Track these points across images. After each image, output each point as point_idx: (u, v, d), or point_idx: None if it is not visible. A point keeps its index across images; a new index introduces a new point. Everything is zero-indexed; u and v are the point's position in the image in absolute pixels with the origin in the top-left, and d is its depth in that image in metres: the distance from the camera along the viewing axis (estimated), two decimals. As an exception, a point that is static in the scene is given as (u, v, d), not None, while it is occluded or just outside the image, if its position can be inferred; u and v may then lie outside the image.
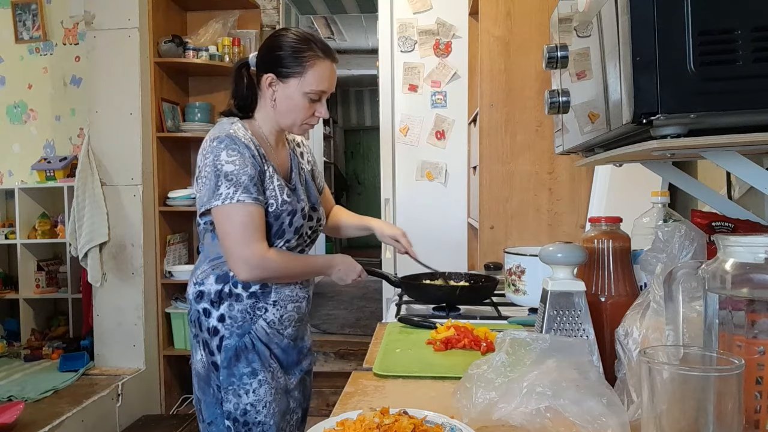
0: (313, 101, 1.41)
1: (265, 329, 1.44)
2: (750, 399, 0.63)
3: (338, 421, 0.79)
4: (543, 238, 2.31)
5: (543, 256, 1.00)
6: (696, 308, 0.73)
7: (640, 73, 0.70)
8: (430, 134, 3.44)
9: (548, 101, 1.07)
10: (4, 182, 3.85)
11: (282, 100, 1.41)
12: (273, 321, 1.44)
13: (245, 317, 1.41)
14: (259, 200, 1.36)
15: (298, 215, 1.44)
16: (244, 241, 1.34)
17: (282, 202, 1.40)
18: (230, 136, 1.36)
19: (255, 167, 1.36)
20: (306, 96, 1.39)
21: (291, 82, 1.39)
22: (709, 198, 1.23)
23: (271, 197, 1.39)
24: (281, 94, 1.41)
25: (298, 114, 1.42)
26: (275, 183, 1.41)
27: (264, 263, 1.36)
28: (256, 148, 1.39)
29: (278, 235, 1.43)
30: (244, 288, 1.42)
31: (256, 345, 1.42)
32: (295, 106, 1.41)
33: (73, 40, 3.75)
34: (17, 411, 2.48)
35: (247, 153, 1.35)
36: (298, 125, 1.44)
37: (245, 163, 1.35)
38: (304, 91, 1.39)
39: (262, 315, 1.43)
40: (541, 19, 2.33)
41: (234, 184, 1.33)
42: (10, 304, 3.69)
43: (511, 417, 0.76)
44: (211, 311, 1.42)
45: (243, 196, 1.32)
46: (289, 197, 1.42)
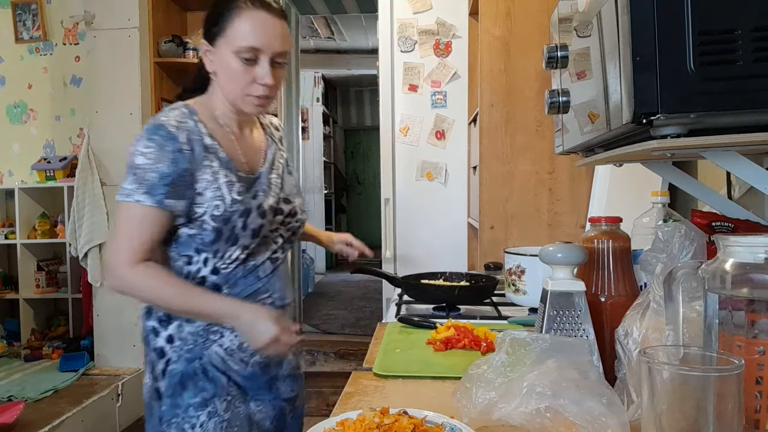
0: (248, 64, 1.15)
1: (221, 356, 1.21)
2: (750, 399, 0.63)
3: (338, 421, 0.79)
4: (543, 238, 2.31)
5: (543, 256, 1.00)
6: (696, 308, 0.73)
7: (640, 73, 0.70)
8: (430, 134, 3.44)
9: (548, 101, 1.07)
10: (4, 182, 3.85)
11: (220, 71, 1.19)
12: (230, 348, 1.21)
13: (197, 341, 1.20)
14: (166, 205, 1.13)
15: (253, 215, 1.19)
16: (118, 247, 1.14)
17: (231, 202, 1.17)
18: (157, 123, 1.16)
19: (178, 164, 1.13)
20: (237, 57, 1.15)
21: (219, 44, 1.18)
22: (709, 198, 1.23)
23: (216, 198, 1.16)
24: (216, 62, 1.19)
25: (235, 82, 1.17)
26: (222, 180, 1.18)
27: (123, 278, 1.14)
28: (196, 138, 1.17)
29: (230, 240, 1.18)
30: None
31: (208, 371, 1.20)
32: (231, 73, 1.17)
33: (73, 40, 3.75)
34: (17, 411, 2.48)
35: (170, 146, 1.13)
36: (240, 98, 1.19)
37: (161, 158, 1.13)
38: (231, 50, 1.15)
39: (217, 340, 1.21)
40: (541, 19, 2.32)
41: (138, 180, 1.13)
42: (10, 304, 3.70)
43: (511, 417, 0.76)
44: (160, 330, 1.22)
45: (143, 197, 1.12)
46: (240, 195, 1.18)
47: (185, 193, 1.15)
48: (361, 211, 9.23)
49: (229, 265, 1.21)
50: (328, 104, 8.09)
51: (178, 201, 1.14)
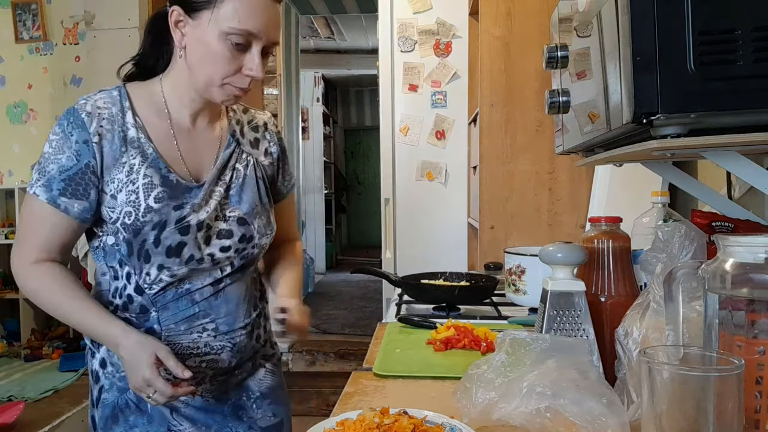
0: (238, 49, 0.96)
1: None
2: (750, 399, 0.63)
3: (338, 421, 0.79)
4: (543, 238, 2.30)
5: (543, 256, 1.00)
6: (696, 308, 0.73)
7: (640, 73, 0.70)
8: (430, 134, 3.44)
9: (548, 101, 1.07)
10: (4, 182, 3.86)
11: (193, 47, 0.98)
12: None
13: None
14: (59, 203, 0.98)
15: (169, 229, 0.99)
16: (17, 241, 1.03)
17: (145, 210, 0.98)
18: (72, 106, 1.00)
19: (80, 157, 0.97)
20: (226, 39, 0.95)
21: (203, 19, 0.96)
22: (709, 198, 1.23)
23: (128, 203, 0.98)
24: (191, 37, 0.98)
25: (216, 67, 0.97)
26: (140, 181, 0.99)
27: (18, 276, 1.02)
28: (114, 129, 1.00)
29: (143, 257, 0.99)
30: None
31: (142, 403, 1.04)
32: (211, 55, 0.96)
33: (73, 40, 3.75)
34: (17, 411, 2.48)
35: (75, 135, 0.97)
36: (217, 85, 0.98)
37: (63, 148, 0.98)
38: (221, 29, 0.94)
39: None
40: (541, 19, 2.32)
41: (39, 170, 0.99)
42: (10, 304, 3.70)
43: (511, 417, 0.76)
44: (94, 351, 1.08)
45: (40, 189, 0.98)
46: (158, 201, 0.99)
47: (85, 193, 0.99)
48: (361, 211, 9.23)
49: (152, 286, 1.02)
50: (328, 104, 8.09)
51: (74, 201, 0.98)
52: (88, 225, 1.03)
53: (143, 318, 1.04)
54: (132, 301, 1.03)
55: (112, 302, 1.05)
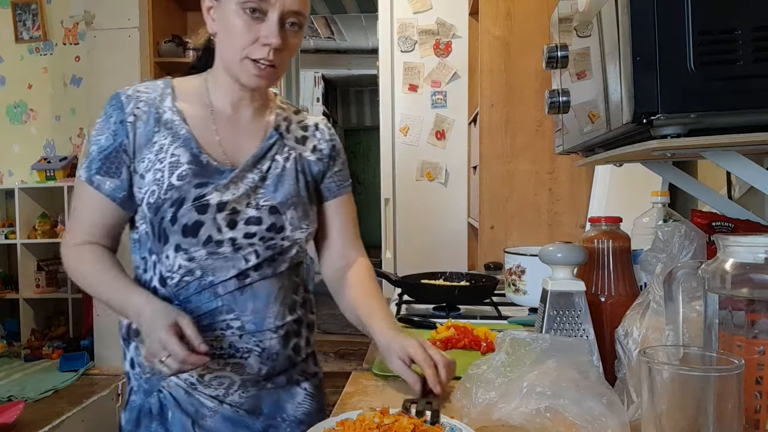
0: (254, 19, 0.95)
1: (184, 388, 1.01)
2: (750, 399, 0.63)
3: (338, 421, 0.79)
4: (543, 238, 2.31)
5: (543, 256, 1.00)
6: (696, 308, 0.73)
7: (640, 73, 0.70)
8: (430, 134, 3.44)
9: (548, 101, 1.07)
10: (4, 182, 3.85)
11: (221, 30, 1.00)
12: (190, 382, 1.00)
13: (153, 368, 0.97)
14: (94, 181, 1.00)
15: (186, 206, 0.97)
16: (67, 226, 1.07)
17: (167, 188, 0.97)
18: (117, 92, 1.05)
19: (117, 137, 1.00)
20: (241, 10, 0.95)
21: None
22: (709, 198, 1.23)
23: (154, 182, 0.98)
24: (219, 19, 1.00)
25: (235, 40, 0.96)
26: (167, 160, 0.99)
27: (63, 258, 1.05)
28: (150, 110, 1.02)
29: (161, 238, 0.99)
30: None
31: (166, 410, 1.01)
32: (232, 30, 0.96)
33: (73, 40, 3.75)
34: (17, 411, 2.48)
35: (114, 115, 1.00)
36: (238, 59, 0.97)
37: (103, 129, 1.01)
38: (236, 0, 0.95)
39: None
40: (541, 19, 2.33)
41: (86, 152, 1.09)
42: (10, 304, 3.69)
43: (511, 417, 0.76)
44: (125, 352, 1.07)
45: (82, 171, 1.02)
46: (181, 179, 0.98)
47: (117, 171, 1.00)
48: (361, 211, 9.19)
49: (173, 275, 0.99)
50: (328, 104, 8.10)
51: (106, 178, 1.00)
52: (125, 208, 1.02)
53: None
54: (156, 294, 1.01)
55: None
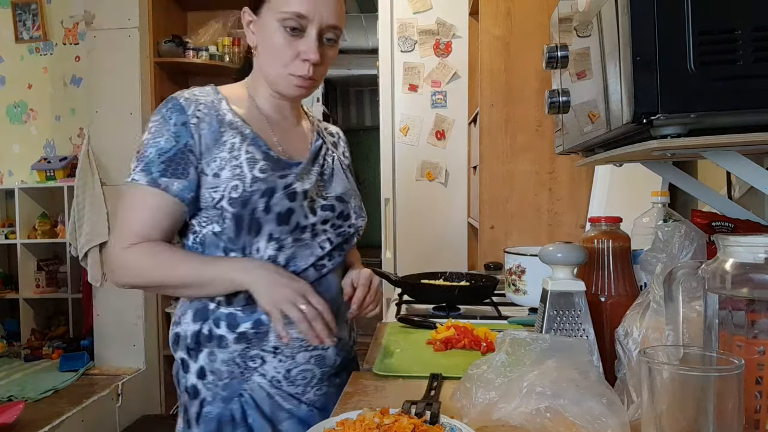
0: (294, 36, 1.00)
1: (266, 389, 1.01)
2: (750, 399, 0.63)
3: (338, 421, 0.79)
4: (543, 238, 2.31)
5: (543, 256, 0.99)
6: (696, 308, 0.73)
7: (640, 73, 0.70)
8: (430, 134, 3.44)
9: (548, 101, 1.07)
10: (4, 182, 3.86)
11: (261, 44, 1.04)
12: (276, 378, 1.01)
13: (233, 372, 1.00)
14: (160, 183, 0.97)
15: (278, 195, 0.99)
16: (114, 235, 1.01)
17: (252, 180, 0.99)
18: (171, 96, 1.03)
19: (179, 138, 0.98)
20: (281, 26, 0.99)
21: (263, 13, 1.02)
22: (709, 198, 1.23)
23: (234, 177, 0.99)
24: (259, 34, 1.04)
25: (277, 56, 1.01)
26: (243, 157, 1.00)
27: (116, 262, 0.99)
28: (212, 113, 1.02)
29: (253, 229, 0.99)
30: (230, 327, 1.00)
31: (249, 415, 1.00)
32: (272, 46, 1.01)
33: (73, 40, 3.75)
34: (17, 411, 2.48)
35: (174, 118, 0.99)
36: (282, 77, 1.03)
37: (161, 132, 0.98)
38: (276, 18, 0.99)
39: (258, 368, 1.01)
40: (541, 19, 2.32)
41: (138, 157, 0.99)
42: (10, 304, 3.70)
43: (511, 417, 0.76)
44: (189, 363, 1.02)
45: (139, 175, 0.98)
46: (264, 172, 1.00)
47: (185, 172, 0.98)
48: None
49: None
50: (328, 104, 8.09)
51: (173, 180, 0.98)
52: (188, 209, 1.01)
53: (249, 310, 1.01)
54: (237, 292, 1.00)
55: (213, 298, 1.02)
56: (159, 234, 1.00)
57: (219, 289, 0.99)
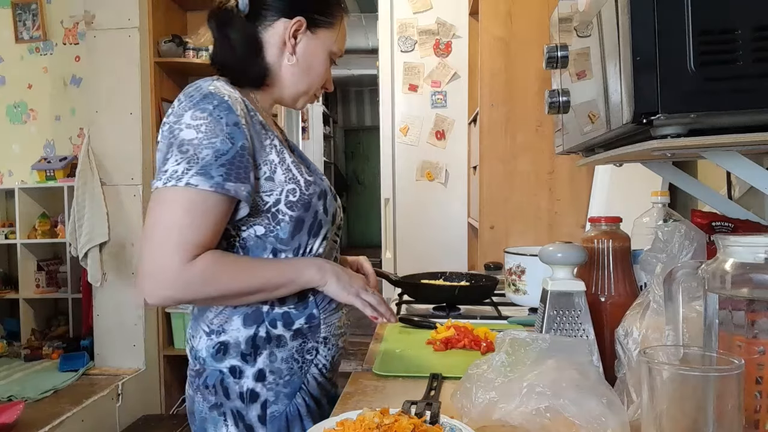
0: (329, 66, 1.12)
1: (317, 379, 1.06)
2: (750, 399, 0.63)
3: (338, 421, 0.79)
4: (543, 238, 2.31)
5: (543, 256, 1.00)
6: (696, 308, 0.73)
7: (640, 73, 0.70)
8: (430, 134, 3.44)
9: (548, 101, 1.07)
10: (4, 182, 3.85)
11: (304, 56, 1.06)
12: (325, 366, 1.07)
13: (292, 368, 1.02)
14: (227, 189, 0.90)
15: (329, 197, 1.06)
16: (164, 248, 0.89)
17: (306, 183, 1.00)
18: (206, 91, 0.95)
19: (235, 140, 0.92)
20: (329, 57, 1.10)
21: (321, 35, 1.07)
22: (709, 198, 1.23)
23: (290, 181, 0.98)
24: (306, 48, 1.06)
25: (316, 78, 1.09)
26: (288, 159, 1.00)
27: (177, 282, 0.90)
28: (247, 111, 0.97)
29: (314, 230, 1.02)
30: (286, 326, 1.02)
31: (310, 407, 1.04)
32: (316, 68, 1.08)
33: (73, 40, 3.75)
34: (17, 411, 2.48)
35: (225, 117, 0.92)
36: (311, 93, 1.11)
37: (215, 131, 0.91)
38: (330, 48, 1.09)
39: (314, 360, 1.05)
40: (541, 19, 2.32)
41: (188, 158, 0.89)
42: (10, 304, 3.69)
43: (511, 417, 0.76)
44: (244, 369, 1.00)
45: (197, 179, 0.88)
46: (310, 175, 1.03)
47: (246, 176, 0.93)
48: (361, 211, 9.23)
49: None
50: (328, 104, 8.10)
51: (240, 185, 0.91)
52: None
53: (302, 306, 1.04)
54: (285, 301, 1.02)
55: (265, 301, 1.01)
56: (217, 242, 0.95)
57: (292, 289, 0.99)
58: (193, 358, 1.05)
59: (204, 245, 0.91)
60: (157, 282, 0.90)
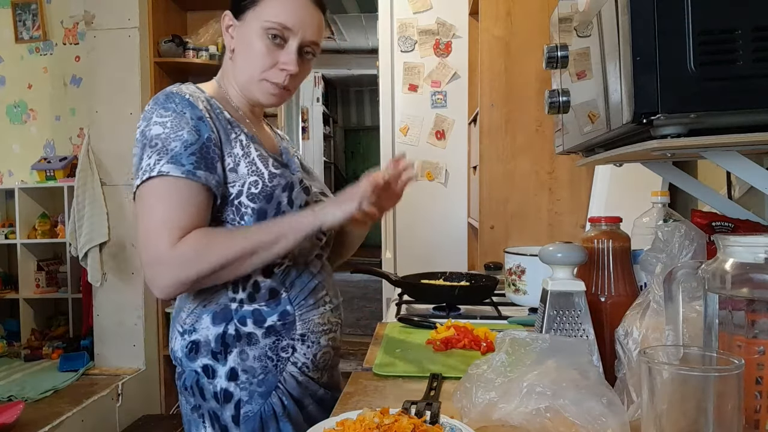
0: (275, 45, 1.02)
1: (297, 378, 1.04)
2: (750, 399, 0.63)
3: (338, 421, 0.79)
4: (543, 238, 2.31)
5: (543, 256, 1.00)
6: (696, 308, 0.73)
7: (640, 73, 0.70)
8: (430, 134, 3.44)
9: (548, 101, 1.07)
10: (4, 182, 3.85)
11: (240, 48, 1.05)
12: (305, 365, 1.05)
13: (266, 366, 1.01)
14: (198, 176, 0.93)
15: (297, 189, 1.04)
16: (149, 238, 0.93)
17: (270, 175, 1.00)
18: (169, 92, 1.00)
19: (201, 132, 0.96)
20: (264, 34, 1.01)
21: (247, 18, 1.03)
22: (709, 198, 1.23)
23: (252, 173, 0.99)
24: (239, 38, 1.05)
25: (255, 61, 1.03)
26: (254, 153, 1.01)
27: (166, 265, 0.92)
28: (211, 108, 1.01)
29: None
30: (257, 323, 1.01)
31: (287, 406, 1.02)
32: (252, 52, 1.02)
33: (73, 40, 3.75)
34: (17, 411, 2.48)
35: (188, 112, 0.96)
36: (256, 80, 1.04)
37: (181, 124, 0.95)
38: (260, 25, 1.01)
39: (289, 357, 1.03)
40: (541, 19, 2.32)
41: (158, 151, 0.93)
42: (10, 304, 3.69)
43: (511, 417, 0.76)
44: (216, 368, 1.01)
45: (168, 166, 0.92)
46: (277, 168, 1.03)
47: (213, 166, 0.96)
48: (361, 211, 9.21)
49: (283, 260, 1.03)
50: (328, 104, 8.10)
51: (208, 173, 0.95)
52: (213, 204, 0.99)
53: (274, 303, 1.03)
54: (258, 288, 1.02)
55: (234, 298, 1.01)
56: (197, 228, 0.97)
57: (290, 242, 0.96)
58: (173, 359, 1.07)
59: (187, 227, 0.93)
60: (155, 271, 0.93)
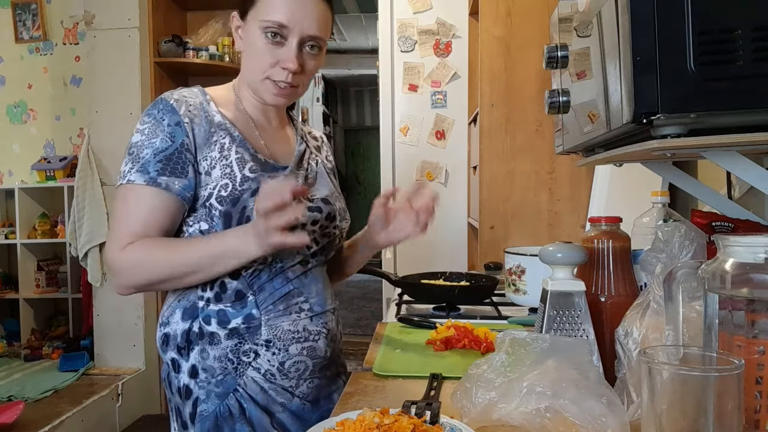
0: (275, 43, 1.02)
1: (260, 384, 1.02)
2: (750, 399, 0.63)
3: (338, 421, 0.79)
4: (543, 238, 2.31)
5: (543, 256, 0.99)
6: (696, 308, 0.73)
7: (640, 73, 0.70)
8: (430, 134, 3.44)
9: (548, 101, 1.07)
10: (4, 182, 3.86)
11: (245, 48, 1.07)
12: (270, 372, 1.03)
13: (226, 368, 1.01)
14: (159, 182, 0.97)
15: None
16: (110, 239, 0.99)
17: (242, 180, 1.00)
18: (160, 97, 1.04)
19: (175, 138, 0.99)
20: (264, 33, 1.02)
21: (249, 18, 1.05)
22: (709, 198, 1.23)
23: (224, 176, 1.00)
24: (244, 39, 1.07)
25: (257, 61, 1.04)
26: (233, 156, 1.02)
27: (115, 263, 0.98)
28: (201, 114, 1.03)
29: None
30: (221, 324, 1.01)
31: (246, 409, 1.01)
32: (254, 51, 1.04)
33: (73, 40, 3.75)
34: (17, 411, 2.48)
35: (167, 119, 1.00)
36: (259, 80, 1.05)
37: (155, 132, 0.99)
38: (258, 25, 1.02)
39: (251, 362, 1.02)
40: (541, 19, 2.32)
41: (132, 159, 0.99)
42: (10, 304, 3.70)
43: (511, 417, 0.76)
44: (181, 363, 1.03)
45: (135, 175, 0.97)
46: (253, 172, 1.02)
47: (184, 171, 0.99)
48: (361, 211, 9.20)
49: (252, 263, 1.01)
50: (328, 104, 8.09)
51: (174, 178, 0.98)
52: (186, 207, 1.01)
53: (239, 305, 1.03)
54: (225, 289, 1.03)
55: (202, 296, 1.03)
56: (159, 234, 1.00)
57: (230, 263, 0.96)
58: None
59: (138, 233, 0.97)
60: (111, 273, 1.02)
